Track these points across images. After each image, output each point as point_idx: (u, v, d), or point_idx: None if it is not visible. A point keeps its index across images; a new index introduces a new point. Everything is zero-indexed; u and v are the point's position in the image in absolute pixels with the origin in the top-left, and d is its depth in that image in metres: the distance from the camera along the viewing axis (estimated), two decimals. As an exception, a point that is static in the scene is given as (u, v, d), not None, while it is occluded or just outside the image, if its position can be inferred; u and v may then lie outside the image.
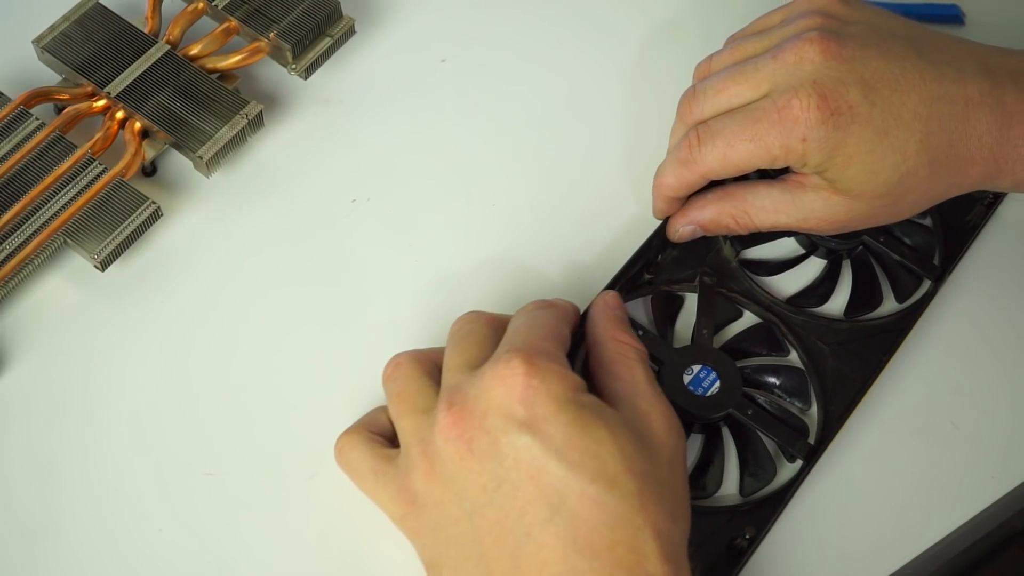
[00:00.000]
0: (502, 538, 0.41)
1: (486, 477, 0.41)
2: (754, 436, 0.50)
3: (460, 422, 0.42)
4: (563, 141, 0.59)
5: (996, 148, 0.49)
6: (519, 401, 0.41)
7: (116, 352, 0.53)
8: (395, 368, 0.48)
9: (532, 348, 0.43)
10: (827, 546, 0.49)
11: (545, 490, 0.40)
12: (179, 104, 0.57)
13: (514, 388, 0.41)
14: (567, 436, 0.41)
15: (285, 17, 0.59)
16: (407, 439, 0.45)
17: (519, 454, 0.41)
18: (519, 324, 0.46)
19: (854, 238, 0.55)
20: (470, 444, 0.42)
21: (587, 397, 0.43)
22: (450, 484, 0.43)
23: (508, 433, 0.41)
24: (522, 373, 0.41)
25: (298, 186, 0.58)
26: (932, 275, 0.54)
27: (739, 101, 0.49)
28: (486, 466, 0.41)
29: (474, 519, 0.42)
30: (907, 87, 0.48)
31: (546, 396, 0.41)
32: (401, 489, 0.45)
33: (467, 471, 0.42)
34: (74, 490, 0.49)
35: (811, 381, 0.52)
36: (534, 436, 0.41)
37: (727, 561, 0.48)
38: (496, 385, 0.42)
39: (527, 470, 0.41)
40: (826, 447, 0.50)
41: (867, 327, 0.53)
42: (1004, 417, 0.52)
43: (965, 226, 0.56)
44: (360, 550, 0.48)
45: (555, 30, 0.63)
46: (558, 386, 0.42)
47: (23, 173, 0.54)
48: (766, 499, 0.49)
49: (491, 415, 0.42)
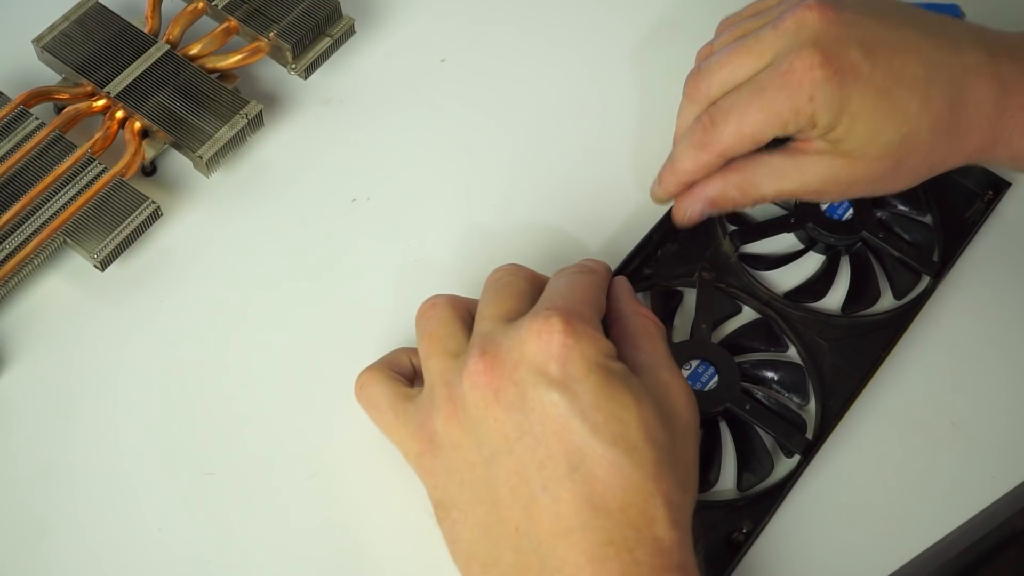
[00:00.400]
0: (518, 488, 0.42)
1: (509, 427, 0.42)
2: (752, 431, 0.50)
3: (490, 370, 0.43)
4: (563, 140, 0.59)
5: (994, 117, 0.49)
6: (553, 358, 0.42)
7: (116, 352, 0.53)
8: (430, 308, 0.48)
9: (571, 310, 0.43)
10: (825, 544, 0.49)
11: (567, 447, 0.41)
12: (179, 104, 0.57)
13: (550, 345, 0.42)
14: (594, 398, 0.41)
15: (285, 17, 0.59)
16: (433, 379, 0.45)
17: (546, 409, 0.41)
18: (560, 284, 0.47)
19: (853, 233, 0.55)
20: (497, 393, 0.42)
21: (617, 364, 0.43)
22: (472, 430, 0.43)
23: (537, 387, 0.42)
24: (560, 331, 0.42)
25: (298, 186, 0.58)
26: (931, 271, 0.54)
27: (744, 74, 0.50)
28: (511, 416, 0.42)
29: (491, 466, 0.42)
30: (905, 51, 0.48)
31: (580, 357, 0.42)
32: (420, 428, 0.45)
33: (491, 419, 0.42)
34: (74, 490, 0.49)
35: (809, 376, 0.52)
36: (563, 394, 0.41)
37: (724, 555, 0.48)
38: (532, 339, 0.42)
39: (552, 426, 0.41)
40: (823, 442, 0.50)
41: (865, 323, 0.53)
42: (1004, 417, 0.52)
43: (965, 222, 0.56)
44: (360, 550, 0.48)
45: (555, 30, 0.63)
46: (592, 350, 0.42)
47: (23, 173, 0.54)
48: (763, 494, 0.49)
49: (523, 368, 0.42)
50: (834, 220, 0.55)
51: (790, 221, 0.55)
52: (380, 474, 0.50)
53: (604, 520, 0.41)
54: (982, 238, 0.56)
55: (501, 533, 0.42)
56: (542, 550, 0.41)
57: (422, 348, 0.47)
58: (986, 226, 0.56)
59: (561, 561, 0.41)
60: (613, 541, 0.40)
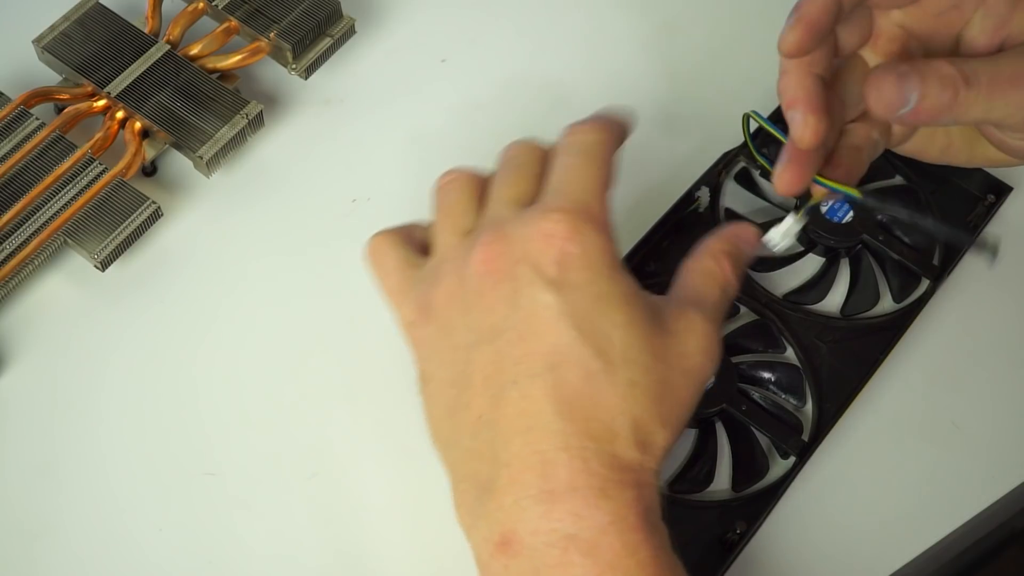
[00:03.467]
0: (491, 377, 0.41)
1: (498, 318, 0.42)
2: (748, 432, 0.50)
3: (493, 260, 0.42)
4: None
5: None
6: (554, 261, 0.41)
7: (116, 352, 0.53)
8: (449, 182, 0.47)
9: (582, 210, 0.42)
10: (824, 544, 0.49)
11: (547, 348, 0.41)
12: (179, 104, 0.57)
13: (552, 247, 0.41)
14: (587, 307, 0.41)
15: (285, 17, 0.59)
16: (441, 254, 0.45)
17: (536, 308, 0.41)
18: (570, 164, 0.45)
19: (853, 236, 0.55)
20: (495, 284, 0.42)
21: (623, 277, 0.42)
22: (464, 313, 0.43)
23: (533, 285, 0.41)
24: (564, 236, 0.41)
25: (298, 186, 0.58)
26: (931, 275, 0.54)
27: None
28: (502, 309, 0.42)
29: (472, 352, 0.42)
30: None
31: (582, 264, 0.41)
32: (420, 297, 0.45)
33: (483, 307, 0.42)
34: (74, 490, 0.49)
35: (806, 378, 0.52)
36: (556, 296, 0.41)
37: (718, 555, 0.48)
38: (537, 239, 0.42)
39: (538, 324, 0.41)
40: (819, 444, 0.50)
41: (864, 325, 0.53)
42: (1004, 417, 0.52)
43: (966, 226, 0.56)
44: (360, 550, 0.48)
45: (555, 30, 0.63)
46: (597, 258, 0.41)
47: (23, 173, 0.54)
48: (758, 494, 0.49)
49: (523, 264, 0.42)
50: (834, 222, 0.55)
51: None
52: (380, 474, 0.50)
53: (565, 425, 0.40)
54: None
55: (464, 418, 0.42)
56: (497, 442, 0.41)
57: (436, 221, 0.47)
58: (987, 230, 0.56)
59: (512, 456, 0.40)
60: (569, 447, 0.40)
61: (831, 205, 0.55)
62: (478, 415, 0.42)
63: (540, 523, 0.39)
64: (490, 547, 0.40)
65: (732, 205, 0.56)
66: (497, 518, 0.40)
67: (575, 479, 0.40)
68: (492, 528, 0.40)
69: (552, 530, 0.39)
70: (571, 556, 0.39)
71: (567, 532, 0.39)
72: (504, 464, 0.40)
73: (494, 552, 0.40)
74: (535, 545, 0.39)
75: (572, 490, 0.39)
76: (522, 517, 0.40)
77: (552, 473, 0.40)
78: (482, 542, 0.41)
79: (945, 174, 0.56)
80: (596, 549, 0.39)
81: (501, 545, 0.40)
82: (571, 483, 0.39)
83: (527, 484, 0.40)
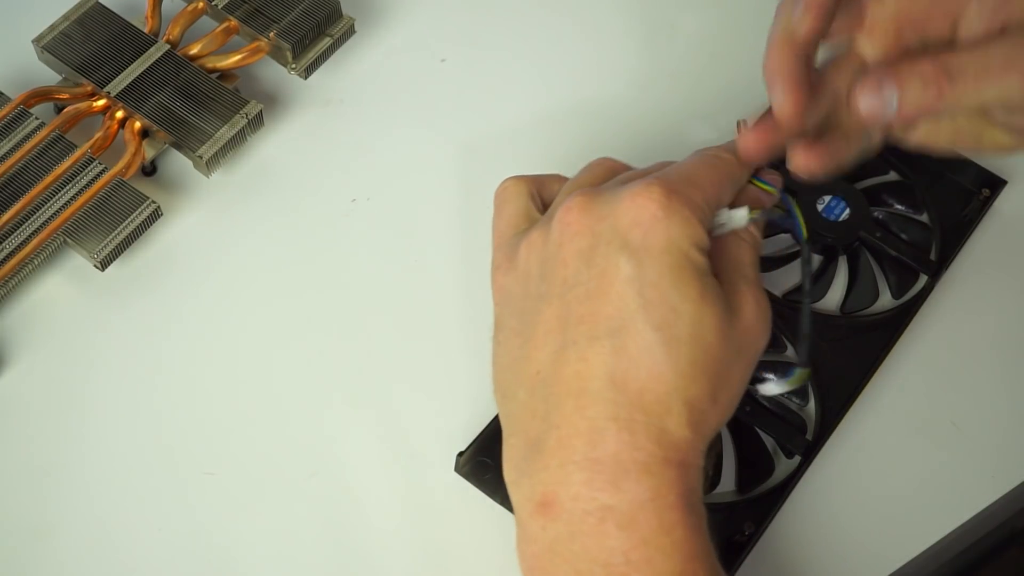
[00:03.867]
0: (553, 333, 0.42)
1: (570, 272, 0.42)
2: (752, 433, 0.50)
3: (578, 215, 0.42)
4: (563, 140, 0.59)
5: None
6: (638, 225, 0.41)
7: (116, 351, 0.53)
8: (600, 161, 0.48)
9: (677, 188, 0.42)
10: (825, 545, 0.49)
11: (612, 312, 0.41)
12: (179, 104, 0.57)
13: (640, 212, 0.41)
14: (659, 277, 0.41)
15: (285, 17, 0.59)
16: (551, 209, 0.45)
17: (608, 268, 0.41)
18: (684, 162, 0.45)
19: (850, 233, 0.55)
20: (574, 238, 0.42)
21: (701, 257, 0.42)
22: (542, 264, 0.43)
23: (611, 245, 0.41)
24: (655, 202, 0.41)
25: (298, 186, 0.58)
26: (929, 271, 0.54)
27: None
28: (576, 264, 0.42)
29: (540, 303, 0.43)
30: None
31: (664, 234, 0.41)
32: (514, 244, 0.45)
33: (559, 260, 0.42)
34: (74, 490, 0.49)
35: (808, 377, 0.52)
36: (630, 260, 0.41)
37: (726, 556, 0.48)
38: (627, 201, 0.42)
39: (607, 286, 0.41)
40: (824, 443, 0.50)
41: (863, 322, 0.53)
42: (1004, 417, 0.52)
43: (962, 220, 0.56)
44: (359, 550, 0.48)
45: (555, 29, 0.63)
46: (679, 231, 0.41)
47: (23, 173, 0.54)
48: (764, 495, 0.49)
49: (606, 223, 0.42)
50: (831, 220, 0.55)
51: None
52: (380, 474, 0.50)
53: (617, 395, 0.40)
54: (979, 236, 0.56)
55: (523, 370, 0.42)
56: (551, 401, 0.41)
57: (566, 186, 0.47)
58: (983, 224, 0.56)
59: (563, 419, 0.41)
60: (618, 418, 0.40)
61: (827, 203, 0.55)
62: (536, 370, 0.42)
63: (581, 490, 0.40)
64: (531, 506, 0.41)
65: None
66: (541, 479, 0.41)
67: (621, 451, 0.40)
68: (535, 488, 0.41)
69: (592, 498, 0.40)
70: (607, 527, 0.39)
71: (606, 503, 0.39)
72: (555, 425, 0.41)
73: (534, 511, 0.41)
74: (574, 511, 0.40)
75: (616, 462, 0.40)
76: (565, 481, 0.40)
77: (599, 442, 0.40)
78: (524, 500, 0.41)
79: (940, 169, 0.57)
80: (633, 523, 0.39)
81: (541, 506, 0.40)
82: (616, 455, 0.40)
83: (574, 449, 0.40)
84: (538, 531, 0.41)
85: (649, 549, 0.39)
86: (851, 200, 0.55)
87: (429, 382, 0.52)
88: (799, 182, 0.48)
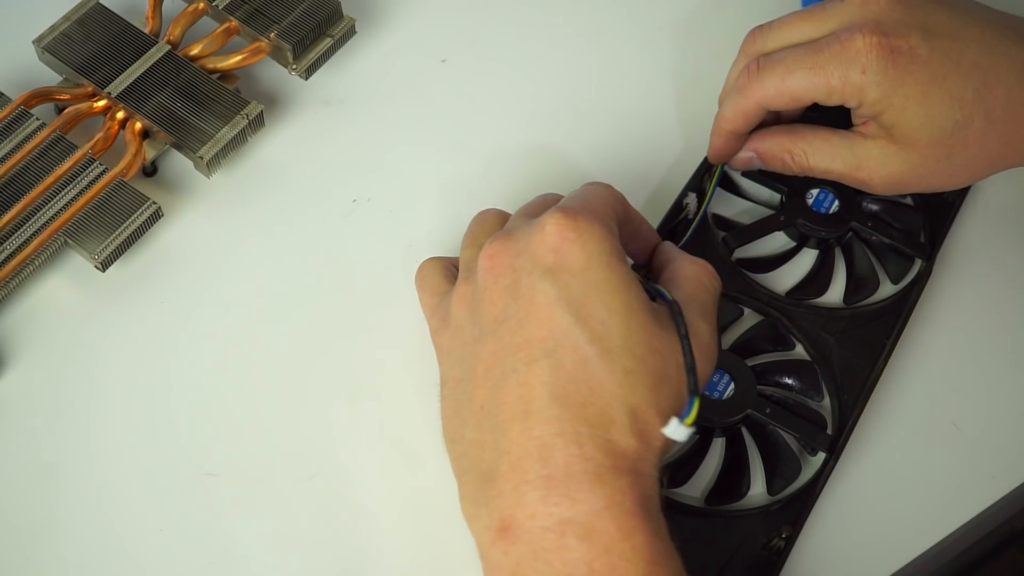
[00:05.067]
0: (492, 367, 0.43)
1: (498, 309, 0.44)
2: (775, 434, 0.50)
3: (496, 256, 0.45)
4: (564, 141, 0.59)
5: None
6: (551, 249, 0.43)
7: (116, 352, 0.53)
8: (482, 214, 0.51)
9: (579, 209, 0.44)
10: (825, 546, 0.49)
11: (545, 334, 0.42)
12: (180, 104, 0.57)
13: (550, 237, 0.43)
14: (583, 293, 0.42)
15: (285, 17, 0.59)
16: (462, 268, 0.48)
17: (534, 296, 0.43)
18: (578, 191, 0.48)
19: (842, 225, 0.55)
20: (498, 278, 0.44)
21: (621, 266, 0.44)
22: (472, 310, 0.45)
23: (531, 275, 0.43)
24: (564, 226, 0.43)
25: (299, 186, 0.58)
26: (922, 254, 0.55)
27: (802, 37, 0.51)
28: (502, 300, 0.44)
29: (476, 345, 0.44)
30: (967, 38, 0.49)
31: (579, 251, 0.43)
32: (441, 307, 0.48)
33: (487, 301, 0.44)
34: (74, 490, 0.49)
35: (821, 372, 0.52)
36: (554, 283, 0.43)
37: (765, 563, 0.47)
38: (537, 232, 0.44)
39: (536, 312, 0.43)
40: (848, 437, 0.50)
41: (867, 312, 0.54)
42: (1004, 417, 0.52)
43: (945, 202, 0.57)
44: (360, 550, 0.48)
45: (555, 30, 0.63)
46: (594, 246, 0.43)
47: (23, 173, 0.54)
48: (794, 496, 0.49)
49: (523, 256, 0.44)
50: (822, 214, 0.55)
51: (780, 220, 0.55)
52: (381, 474, 0.50)
53: (561, 411, 0.41)
54: (965, 215, 0.57)
55: (469, 410, 0.43)
56: (497, 430, 0.42)
57: (464, 240, 0.50)
58: (966, 203, 0.57)
59: (511, 443, 0.41)
60: (564, 433, 0.41)
61: (815, 197, 0.55)
62: (480, 405, 0.43)
63: (538, 507, 0.40)
64: (491, 534, 0.41)
65: (717, 208, 0.57)
66: (497, 504, 0.41)
67: (571, 464, 0.40)
68: (492, 515, 0.41)
69: (549, 514, 0.40)
70: (568, 540, 0.40)
71: (564, 516, 0.40)
72: (504, 451, 0.41)
73: (495, 539, 0.41)
74: (533, 529, 0.40)
75: (568, 474, 0.40)
76: (521, 502, 0.40)
77: (548, 458, 0.40)
78: (483, 530, 0.42)
79: None
80: (592, 533, 0.40)
81: (501, 531, 0.41)
82: (567, 468, 0.40)
83: (526, 470, 0.41)
84: (500, 558, 0.41)
85: (611, 556, 0.39)
86: (838, 191, 0.55)
87: (429, 382, 0.52)
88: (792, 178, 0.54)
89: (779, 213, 0.56)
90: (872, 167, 0.51)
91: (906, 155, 0.50)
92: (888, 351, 0.52)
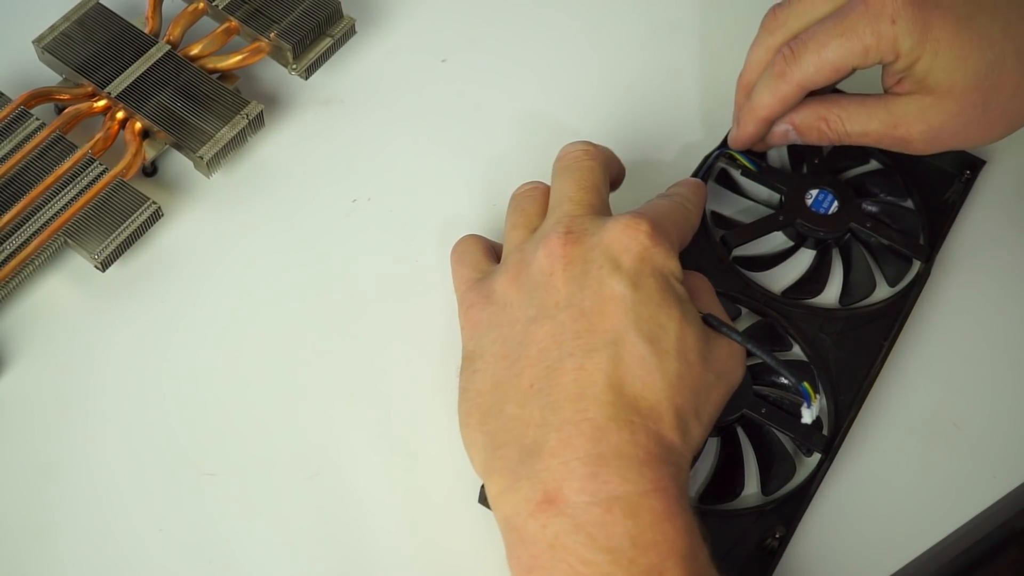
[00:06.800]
0: (547, 349, 0.44)
1: (562, 295, 0.45)
2: (770, 434, 0.50)
3: (570, 246, 0.46)
4: (564, 140, 0.59)
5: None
6: (629, 252, 0.45)
7: (116, 352, 0.53)
8: (531, 189, 0.51)
9: (660, 223, 0.46)
10: (819, 547, 0.49)
11: (607, 327, 0.44)
12: (179, 104, 0.57)
13: (632, 242, 0.45)
14: (647, 297, 0.44)
15: (286, 17, 0.59)
16: (510, 248, 0.49)
17: (603, 290, 0.44)
18: (658, 202, 0.50)
19: (841, 226, 0.55)
20: (567, 265, 0.45)
21: (681, 287, 0.46)
22: (528, 291, 0.46)
23: (603, 269, 0.45)
24: (645, 233, 0.45)
25: (299, 186, 0.58)
26: (921, 256, 0.55)
27: (825, 9, 0.51)
28: (568, 287, 0.45)
29: (531, 325, 0.45)
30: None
31: (651, 262, 0.45)
32: (482, 284, 0.48)
33: (549, 285, 0.45)
34: (74, 490, 0.49)
35: (817, 373, 0.52)
36: (623, 281, 0.44)
37: (758, 562, 0.47)
38: (617, 231, 0.46)
39: (602, 304, 0.44)
40: (844, 438, 0.50)
41: (864, 313, 0.54)
42: (1005, 417, 0.52)
43: (945, 204, 0.56)
44: (360, 550, 0.48)
45: (556, 30, 0.63)
46: (664, 262, 0.46)
47: (23, 173, 0.54)
48: (788, 497, 0.49)
49: (599, 251, 0.45)
50: (821, 214, 0.55)
51: (779, 219, 0.55)
52: (381, 474, 0.50)
53: (616, 398, 0.43)
54: (965, 217, 0.57)
55: (513, 387, 0.44)
56: (548, 408, 0.43)
57: (510, 219, 0.50)
58: (967, 205, 0.57)
59: (563, 421, 0.42)
60: (617, 418, 0.42)
61: (815, 197, 0.55)
62: (530, 383, 0.44)
63: (586, 483, 0.41)
64: (531, 506, 0.42)
65: (716, 207, 0.57)
66: (543, 477, 0.42)
67: (623, 446, 0.42)
68: (535, 487, 0.42)
69: (597, 490, 0.41)
70: (614, 515, 0.41)
71: (613, 493, 0.41)
72: (554, 428, 0.42)
73: (534, 511, 0.42)
74: (579, 503, 0.41)
75: (620, 455, 0.42)
76: (569, 477, 0.41)
77: (602, 439, 0.42)
78: (522, 502, 0.42)
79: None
80: (639, 510, 0.41)
81: (544, 503, 0.42)
82: (619, 449, 0.42)
83: (576, 447, 0.42)
84: (537, 531, 0.41)
85: (656, 533, 0.41)
86: (838, 192, 0.55)
87: (429, 382, 0.52)
88: (789, 176, 0.55)
89: (778, 213, 0.56)
90: (910, 123, 0.51)
91: (943, 104, 0.50)
92: (885, 352, 0.52)
